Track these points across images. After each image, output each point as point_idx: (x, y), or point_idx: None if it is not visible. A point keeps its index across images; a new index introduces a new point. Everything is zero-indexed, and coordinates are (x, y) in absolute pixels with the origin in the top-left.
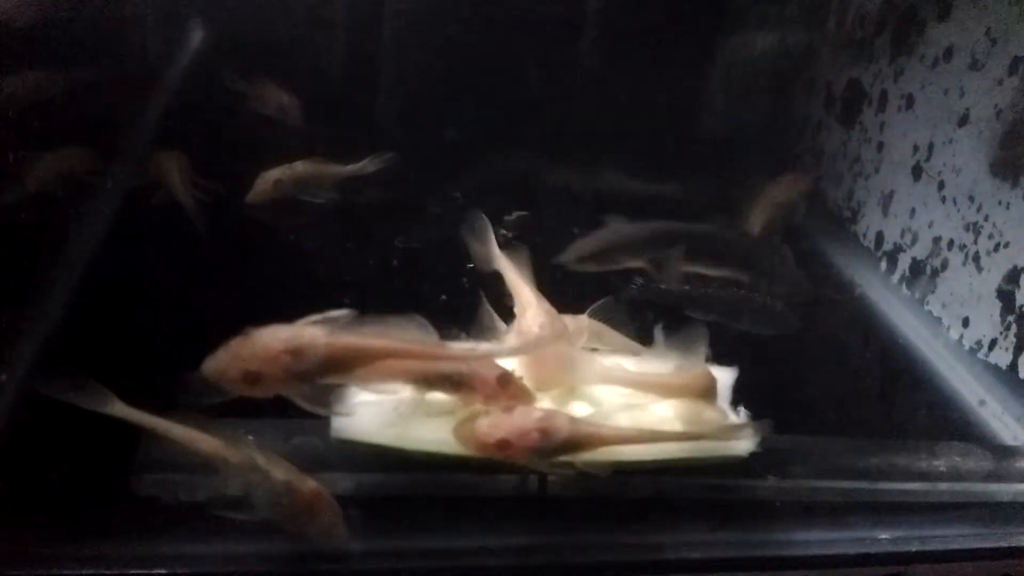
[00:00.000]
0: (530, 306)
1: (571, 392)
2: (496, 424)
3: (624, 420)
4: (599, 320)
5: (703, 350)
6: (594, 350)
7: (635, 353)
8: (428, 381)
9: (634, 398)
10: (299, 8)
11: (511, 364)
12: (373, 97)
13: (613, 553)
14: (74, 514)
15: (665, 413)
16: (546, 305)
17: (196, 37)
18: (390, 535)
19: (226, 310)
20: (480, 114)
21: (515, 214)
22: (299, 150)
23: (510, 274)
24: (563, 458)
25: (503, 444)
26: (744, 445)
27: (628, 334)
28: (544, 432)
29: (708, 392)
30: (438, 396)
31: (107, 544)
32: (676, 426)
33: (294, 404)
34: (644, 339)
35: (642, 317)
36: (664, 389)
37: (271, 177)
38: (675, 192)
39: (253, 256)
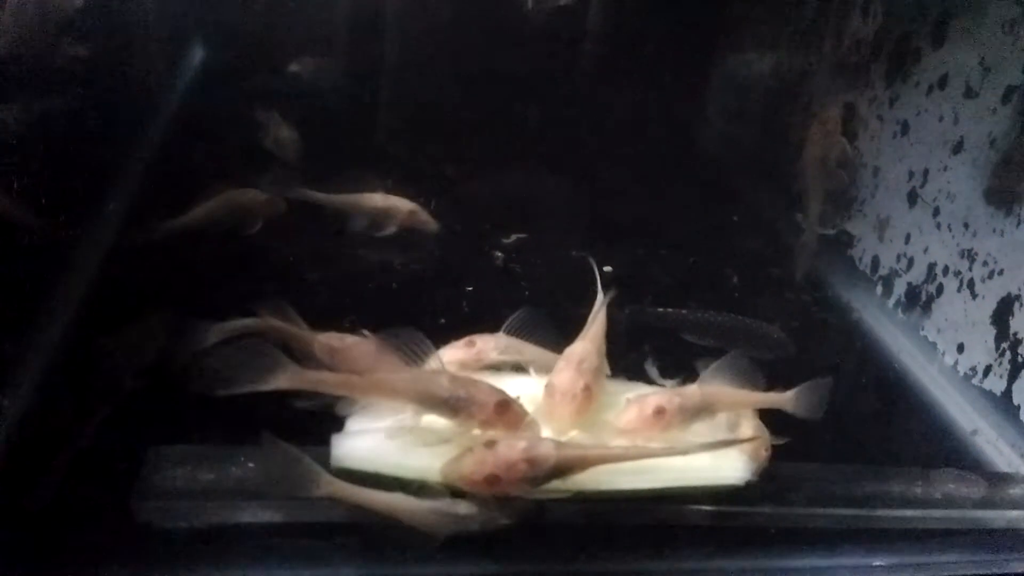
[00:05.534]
0: (581, 340)
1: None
2: (482, 461)
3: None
4: (515, 334)
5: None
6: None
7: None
8: (426, 404)
9: None
10: (297, 27)
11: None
12: (373, 118)
13: None
14: (74, 539)
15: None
16: (590, 345)
17: (196, 57)
18: (384, 562)
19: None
20: (479, 133)
21: (513, 236)
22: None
23: (596, 309)
24: (556, 483)
25: (492, 480)
26: (739, 473)
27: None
28: (531, 462)
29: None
30: (436, 421)
31: (106, 570)
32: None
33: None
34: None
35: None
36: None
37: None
38: None
39: (253, 280)
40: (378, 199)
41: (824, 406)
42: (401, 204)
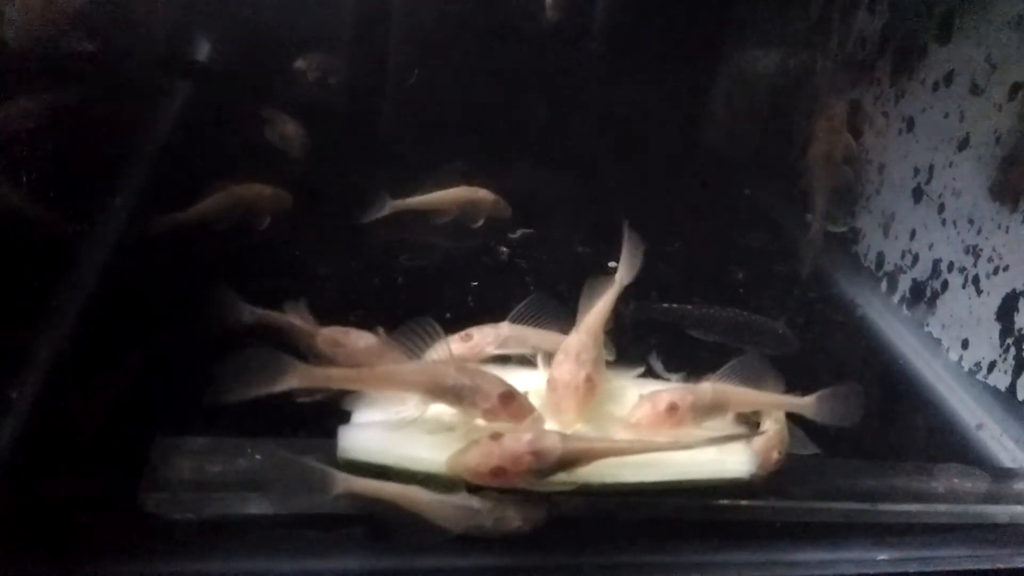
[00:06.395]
0: (577, 331)
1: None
2: (488, 453)
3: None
4: (522, 322)
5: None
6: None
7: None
8: (433, 393)
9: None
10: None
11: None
12: (377, 114)
13: (614, 574)
14: (81, 530)
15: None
16: (586, 338)
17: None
18: (390, 553)
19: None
20: (485, 129)
21: (519, 231)
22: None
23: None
24: (561, 476)
25: (498, 472)
26: (744, 467)
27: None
28: (537, 454)
29: None
30: (442, 413)
31: (114, 561)
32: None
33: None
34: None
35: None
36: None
37: None
38: None
39: (259, 275)
40: (464, 192)
41: (855, 414)
42: (486, 195)
